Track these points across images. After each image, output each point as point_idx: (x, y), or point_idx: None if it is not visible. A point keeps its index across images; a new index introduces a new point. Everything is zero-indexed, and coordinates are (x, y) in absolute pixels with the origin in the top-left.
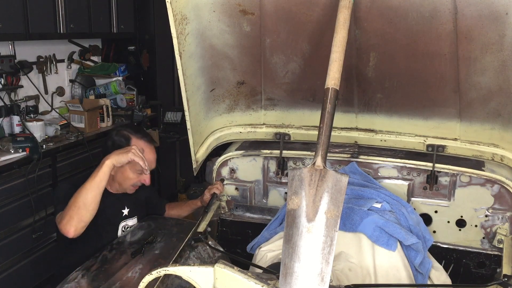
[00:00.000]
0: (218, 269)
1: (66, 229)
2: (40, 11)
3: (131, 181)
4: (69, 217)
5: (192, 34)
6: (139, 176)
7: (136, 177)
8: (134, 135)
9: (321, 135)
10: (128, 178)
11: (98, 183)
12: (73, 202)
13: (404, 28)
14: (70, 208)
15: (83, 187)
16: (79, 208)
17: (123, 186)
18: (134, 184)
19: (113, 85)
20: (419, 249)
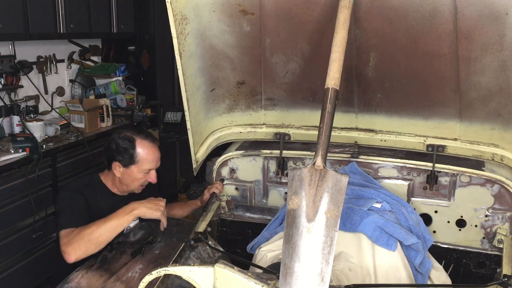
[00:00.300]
0: (218, 269)
1: (69, 255)
2: (40, 11)
3: (139, 182)
4: (77, 246)
5: (192, 34)
6: (146, 175)
7: (143, 177)
8: (137, 136)
9: (321, 135)
10: (136, 179)
11: (119, 227)
12: (87, 234)
13: (404, 28)
14: (81, 238)
15: (102, 225)
16: (91, 243)
17: (130, 187)
18: (143, 184)
19: (113, 85)
20: (419, 249)
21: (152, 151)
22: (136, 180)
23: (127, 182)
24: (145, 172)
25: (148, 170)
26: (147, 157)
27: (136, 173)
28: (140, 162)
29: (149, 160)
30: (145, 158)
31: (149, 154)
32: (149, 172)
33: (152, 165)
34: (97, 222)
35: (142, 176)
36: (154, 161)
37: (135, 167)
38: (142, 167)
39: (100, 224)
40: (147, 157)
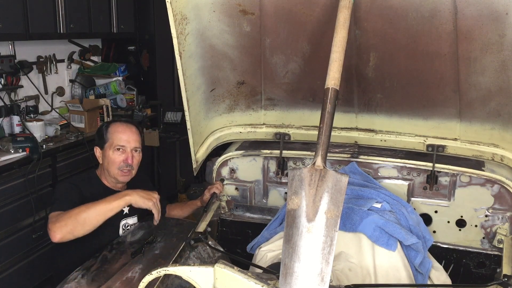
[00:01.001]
0: (218, 269)
1: (54, 233)
2: (40, 11)
3: (115, 164)
4: (64, 224)
5: (192, 34)
6: (120, 155)
7: (118, 157)
8: (112, 121)
9: (321, 135)
10: (112, 160)
11: (109, 211)
12: (75, 214)
13: (404, 28)
14: (69, 217)
15: (92, 206)
16: (77, 223)
17: (111, 172)
18: (120, 167)
19: (113, 85)
20: (419, 249)
21: (122, 128)
22: (112, 162)
23: (107, 166)
24: (116, 149)
25: (119, 147)
26: (116, 134)
27: (109, 152)
28: (111, 139)
29: (119, 137)
30: (115, 134)
31: (118, 131)
32: (122, 151)
33: (122, 141)
34: (87, 204)
35: (116, 156)
36: (124, 138)
37: (107, 146)
38: (112, 143)
39: (90, 206)
40: (117, 134)
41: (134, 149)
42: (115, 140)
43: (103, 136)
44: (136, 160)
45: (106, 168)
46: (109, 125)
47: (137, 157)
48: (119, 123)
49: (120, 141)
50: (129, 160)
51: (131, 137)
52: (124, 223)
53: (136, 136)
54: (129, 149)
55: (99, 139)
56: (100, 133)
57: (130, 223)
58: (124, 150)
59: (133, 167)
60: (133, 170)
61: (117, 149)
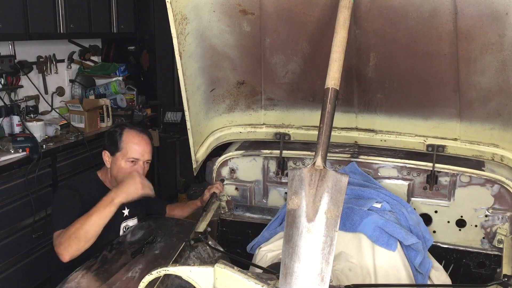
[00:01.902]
0: (218, 269)
1: (62, 255)
2: (40, 11)
3: (125, 173)
4: (67, 245)
5: (192, 34)
6: (131, 166)
7: (128, 167)
8: (128, 126)
9: (321, 135)
10: (121, 168)
11: (102, 219)
12: (74, 231)
13: (404, 28)
14: (69, 237)
15: (87, 219)
16: (79, 240)
17: (118, 178)
18: None
19: (113, 85)
20: (419, 249)
21: (138, 139)
22: (122, 170)
23: (114, 172)
24: (129, 161)
25: (133, 160)
26: (131, 144)
27: (121, 161)
28: (124, 149)
29: (134, 149)
30: (129, 145)
31: (134, 142)
32: (134, 163)
33: (136, 154)
34: (81, 218)
35: (127, 166)
36: (139, 151)
37: (120, 155)
38: (126, 154)
39: (84, 221)
40: (132, 145)
41: (146, 161)
42: (130, 152)
43: (116, 143)
44: (146, 171)
45: (114, 175)
46: (123, 133)
47: (146, 168)
48: (134, 132)
49: (135, 154)
50: (140, 172)
51: (146, 150)
52: (124, 225)
53: (150, 148)
54: (142, 162)
55: (110, 144)
56: (113, 139)
57: (131, 224)
58: (136, 162)
59: None
60: None
61: (130, 161)
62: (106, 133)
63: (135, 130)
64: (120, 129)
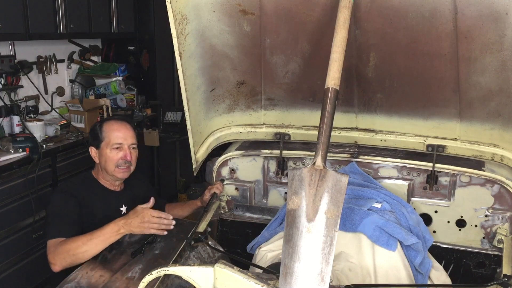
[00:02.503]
0: (218, 269)
1: (55, 265)
2: (40, 11)
3: (113, 161)
4: (62, 258)
5: (192, 34)
6: (118, 153)
7: (115, 155)
8: (106, 118)
9: (321, 135)
10: (109, 158)
11: (105, 244)
12: (73, 248)
13: (404, 28)
14: (68, 252)
15: (90, 241)
16: (76, 257)
17: (109, 170)
18: (118, 164)
19: (113, 85)
20: (419, 249)
21: (117, 126)
22: (110, 160)
23: (104, 165)
24: (114, 148)
25: (117, 146)
26: (112, 131)
27: (106, 151)
28: (107, 138)
29: (115, 135)
30: (110, 133)
31: (113, 129)
32: (120, 149)
33: (118, 139)
34: (83, 237)
35: (114, 154)
36: (121, 135)
37: (104, 145)
38: (109, 142)
39: (86, 241)
40: (113, 132)
41: (131, 146)
42: (112, 138)
43: (98, 136)
44: (134, 156)
45: (104, 167)
46: (103, 124)
47: (134, 153)
48: (113, 121)
49: (117, 139)
50: (128, 156)
51: (128, 134)
52: None
53: (132, 132)
54: (127, 146)
55: (93, 139)
56: (95, 133)
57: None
58: (121, 147)
59: (132, 163)
60: (131, 166)
61: (115, 148)
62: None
63: (113, 119)
64: (99, 123)
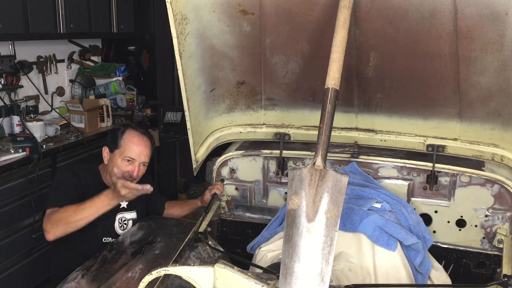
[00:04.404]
0: (218, 269)
1: (48, 232)
2: (40, 11)
3: (120, 171)
4: (55, 226)
5: (192, 34)
6: (127, 166)
7: (124, 166)
8: (131, 126)
9: (321, 135)
10: (117, 165)
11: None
12: (65, 217)
13: (404, 28)
14: (61, 220)
15: (82, 210)
16: (69, 226)
17: (112, 175)
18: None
19: (113, 85)
20: (419, 249)
21: (137, 140)
22: (118, 169)
23: (110, 169)
24: (125, 160)
25: (129, 159)
26: (130, 144)
27: (117, 159)
28: (123, 147)
29: (132, 148)
30: (128, 144)
31: (133, 142)
32: (130, 162)
33: (133, 154)
34: (74, 206)
35: (123, 164)
36: (137, 151)
37: (118, 152)
38: (124, 153)
39: (78, 210)
40: (131, 144)
41: (142, 163)
42: (127, 150)
43: (116, 140)
44: (141, 173)
45: (109, 171)
46: (125, 131)
47: (142, 170)
48: (136, 133)
49: (131, 153)
50: (135, 173)
51: (143, 152)
52: (120, 217)
53: (148, 151)
54: (138, 163)
55: (111, 140)
56: (114, 136)
57: (128, 217)
58: (132, 162)
59: (136, 179)
60: (134, 181)
61: (126, 160)
62: (110, 130)
63: (138, 131)
64: (123, 127)
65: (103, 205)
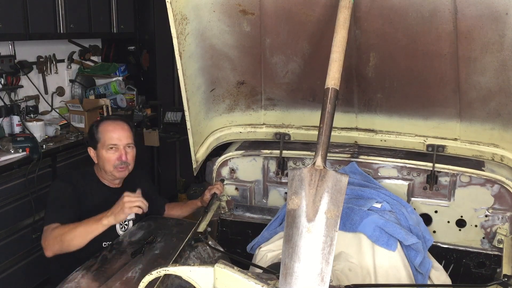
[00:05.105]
0: (218, 269)
1: (46, 250)
2: (40, 11)
3: (110, 162)
4: (52, 244)
5: (192, 34)
6: (114, 153)
7: (112, 156)
8: (103, 118)
9: (321, 135)
10: (106, 159)
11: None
12: (61, 235)
13: (404, 28)
14: (56, 237)
15: (75, 229)
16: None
17: (107, 171)
18: (115, 165)
19: (113, 85)
20: (419, 249)
21: (112, 126)
22: (107, 161)
23: (103, 165)
24: (109, 149)
25: (112, 146)
26: (107, 133)
27: (102, 152)
28: (102, 139)
29: (109, 136)
30: (105, 134)
31: (108, 130)
32: (115, 150)
33: (113, 140)
34: (71, 225)
35: (110, 154)
36: (115, 136)
37: (100, 146)
38: (105, 143)
39: (72, 229)
40: (107, 133)
41: (127, 146)
42: (107, 139)
43: (94, 136)
44: (131, 155)
45: (102, 167)
46: (99, 125)
47: (131, 152)
48: (108, 121)
49: (111, 140)
50: (123, 157)
51: (122, 135)
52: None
53: (127, 132)
54: (122, 147)
55: (91, 139)
56: (91, 134)
57: (128, 218)
58: (117, 148)
59: (129, 163)
60: (129, 166)
61: (110, 148)
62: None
63: (109, 120)
64: (96, 123)
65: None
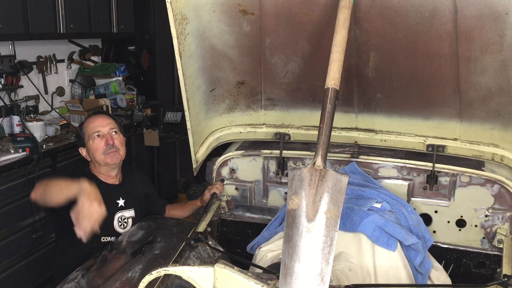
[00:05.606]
0: (218, 269)
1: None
2: (40, 11)
3: (99, 150)
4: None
5: (192, 34)
6: (100, 140)
7: (99, 143)
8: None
9: (321, 135)
10: (95, 148)
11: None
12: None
13: (404, 28)
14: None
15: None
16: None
17: (98, 160)
18: (104, 151)
19: (113, 85)
20: (419, 249)
21: (92, 118)
22: (95, 150)
23: (94, 157)
24: (95, 138)
25: (96, 134)
26: (88, 125)
27: (91, 144)
28: (87, 132)
29: (92, 126)
30: (87, 127)
31: (90, 122)
32: (101, 137)
33: (96, 128)
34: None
35: (97, 142)
36: (97, 123)
37: (87, 140)
38: (90, 134)
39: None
40: (89, 124)
41: (111, 131)
42: (90, 130)
43: (80, 135)
44: (118, 140)
45: (94, 160)
46: (82, 124)
47: (117, 137)
48: (89, 117)
49: (94, 128)
50: (109, 140)
51: (103, 122)
52: (120, 216)
53: (108, 119)
54: (106, 132)
55: (79, 140)
56: (78, 134)
57: (127, 215)
58: (102, 135)
59: (118, 147)
60: (119, 151)
61: (95, 137)
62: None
63: (92, 118)
64: (79, 124)
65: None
